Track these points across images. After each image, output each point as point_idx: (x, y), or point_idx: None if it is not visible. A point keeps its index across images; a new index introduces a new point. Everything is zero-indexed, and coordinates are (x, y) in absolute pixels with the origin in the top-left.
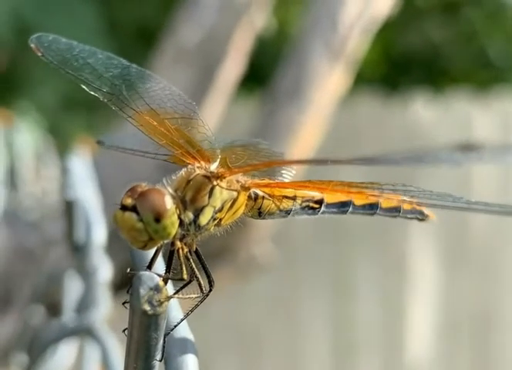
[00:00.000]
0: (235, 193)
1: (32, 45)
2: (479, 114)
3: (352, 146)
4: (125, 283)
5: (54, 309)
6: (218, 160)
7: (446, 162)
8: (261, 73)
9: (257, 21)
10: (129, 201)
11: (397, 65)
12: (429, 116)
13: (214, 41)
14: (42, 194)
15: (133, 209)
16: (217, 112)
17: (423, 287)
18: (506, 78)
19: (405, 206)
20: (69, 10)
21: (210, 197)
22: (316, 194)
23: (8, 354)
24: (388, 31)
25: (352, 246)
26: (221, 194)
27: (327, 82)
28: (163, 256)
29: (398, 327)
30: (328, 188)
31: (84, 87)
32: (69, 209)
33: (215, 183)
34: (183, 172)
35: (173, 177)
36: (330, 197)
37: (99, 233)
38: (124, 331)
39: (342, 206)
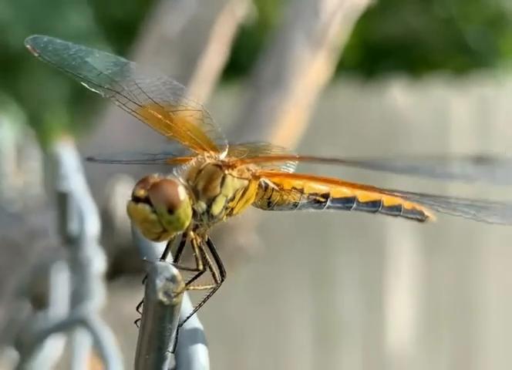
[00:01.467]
0: (246, 182)
1: (28, 46)
2: (456, 99)
3: (330, 134)
4: (116, 274)
5: (39, 302)
6: (227, 150)
7: (459, 177)
8: (242, 63)
9: (238, 10)
10: (141, 193)
11: (374, 52)
12: (406, 101)
13: (196, 30)
14: (23, 186)
15: (146, 200)
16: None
17: (403, 273)
18: (484, 63)
19: (406, 206)
20: (57, 9)
21: (222, 186)
22: (323, 188)
23: None
24: (365, 18)
25: (332, 234)
26: (233, 183)
27: (309, 70)
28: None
29: (379, 313)
30: (337, 183)
31: (84, 84)
32: (61, 200)
33: (226, 171)
34: (193, 162)
35: (183, 167)
36: (335, 192)
37: (92, 225)
38: (136, 322)
39: (347, 202)
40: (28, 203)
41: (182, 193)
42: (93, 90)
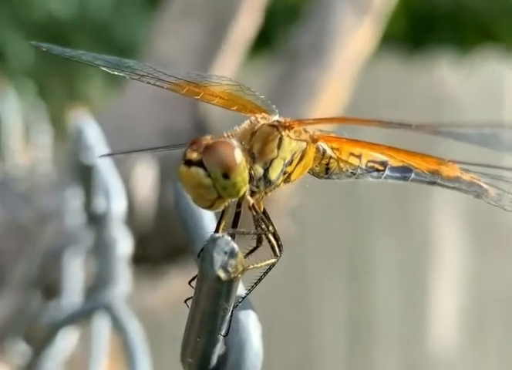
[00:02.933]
0: (304, 144)
1: (33, 43)
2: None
3: (370, 111)
4: (136, 263)
5: (50, 292)
6: (277, 114)
7: None
8: (276, 31)
9: None
10: (194, 155)
11: (421, 22)
12: (455, 77)
13: None
14: (32, 164)
15: (200, 164)
16: (228, 74)
17: (449, 266)
18: None
19: (465, 178)
20: None
21: (279, 149)
22: (381, 156)
23: (4, 341)
24: None
25: (369, 218)
26: (290, 145)
27: (353, 39)
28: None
29: (420, 309)
30: (397, 151)
31: (105, 69)
32: (86, 175)
33: (283, 133)
34: (245, 124)
35: (235, 129)
36: (394, 161)
37: (119, 203)
38: (187, 300)
39: (405, 172)
40: (38, 182)
41: (238, 156)
42: (116, 73)
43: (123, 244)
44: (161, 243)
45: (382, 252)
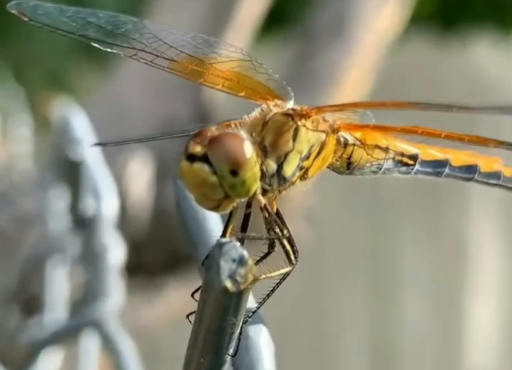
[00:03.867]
0: (323, 136)
1: (14, 11)
2: None
3: (398, 98)
4: (130, 273)
5: (32, 306)
6: (293, 98)
7: None
8: (290, 9)
9: None
10: (198, 149)
11: None
12: (493, 60)
13: None
14: (10, 160)
15: (204, 159)
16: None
17: (488, 279)
18: None
19: (506, 173)
20: None
21: (294, 141)
22: (411, 148)
23: None
24: None
25: (396, 226)
26: (307, 137)
27: (378, 17)
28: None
29: (455, 330)
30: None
31: (96, 45)
32: (73, 172)
33: (299, 122)
34: (256, 112)
35: (244, 118)
36: (425, 154)
37: (111, 205)
38: (189, 315)
39: (438, 166)
40: (17, 181)
41: (248, 150)
42: (109, 50)
43: (115, 252)
44: (159, 251)
45: (410, 265)
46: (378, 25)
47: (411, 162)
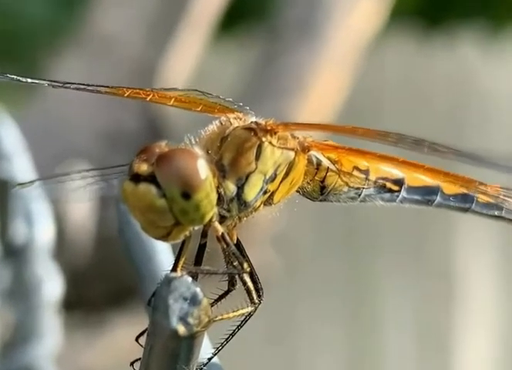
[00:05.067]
0: (292, 155)
1: None
2: None
3: (379, 104)
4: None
5: None
6: (254, 115)
7: None
8: (251, 4)
9: None
10: (144, 168)
11: None
12: (483, 60)
13: None
14: None
15: (151, 179)
16: (190, 57)
17: (477, 315)
18: None
19: (508, 203)
20: None
21: (258, 160)
22: (395, 172)
23: None
24: None
25: (375, 252)
26: (273, 155)
27: (353, 13)
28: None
29: (442, 367)
30: (418, 167)
31: (17, 79)
32: (1, 192)
33: (264, 138)
34: (214, 126)
35: (200, 133)
36: (413, 179)
37: (45, 230)
38: (133, 363)
39: (428, 194)
40: None
41: (203, 169)
42: (30, 81)
43: (51, 285)
44: (103, 283)
45: (391, 296)
46: (354, 22)
47: (396, 188)
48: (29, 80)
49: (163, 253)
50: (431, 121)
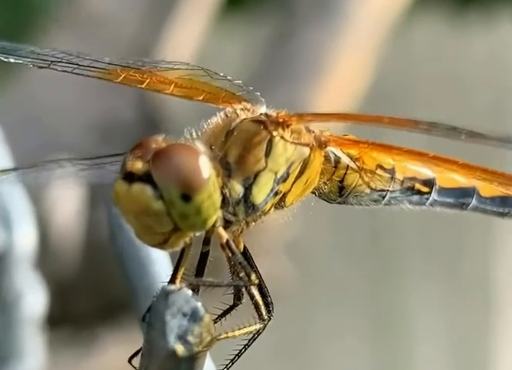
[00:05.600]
0: (307, 151)
1: None
2: None
3: (407, 90)
4: (55, 324)
5: None
6: (264, 105)
7: None
8: None
9: None
10: (139, 166)
11: None
12: None
13: None
14: None
15: (147, 178)
16: (191, 37)
17: None
18: None
19: None
20: None
21: (268, 157)
22: (425, 171)
23: None
24: None
25: (402, 260)
26: (285, 152)
27: None
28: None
29: None
30: (452, 163)
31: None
32: None
33: (275, 132)
34: (218, 118)
35: (202, 125)
36: (445, 179)
37: (27, 235)
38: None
39: (462, 196)
40: None
41: (205, 167)
42: (13, 61)
43: (33, 298)
44: (90, 297)
45: (420, 311)
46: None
47: (426, 189)
48: (11, 59)
49: (159, 263)
50: (467, 107)
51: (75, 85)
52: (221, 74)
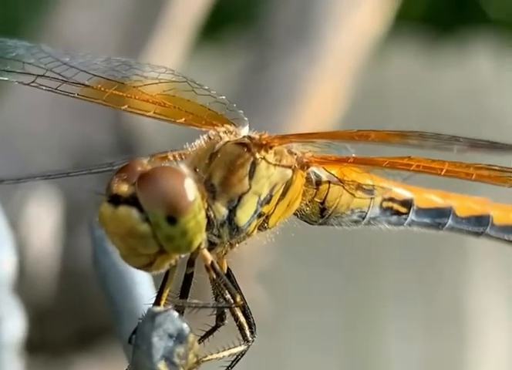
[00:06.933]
0: (289, 172)
1: None
2: None
3: (378, 122)
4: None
5: None
6: (247, 124)
7: None
8: (239, 6)
9: None
10: (124, 188)
11: None
12: (496, 75)
13: None
14: None
15: (133, 201)
16: (168, 65)
17: (492, 358)
18: None
19: None
20: None
21: (251, 179)
22: (402, 192)
23: None
24: None
25: (377, 287)
26: (268, 174)
27: (353, 16)
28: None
29: None
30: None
31: None
32: None
33: (258, 154)
34: (202, 141)
35: (186, 148)
36: (422, 200)
37: (4, 259)
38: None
39: (439, 216)
40: None
41: (190, 190)
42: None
43: (12, 324)
44: (70, 321)
45: (394, 332)
46: (354, 26)
47: (404, 209)
48: None
49: (144, 285)
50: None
51: (47, 107)
52: (206, 87)
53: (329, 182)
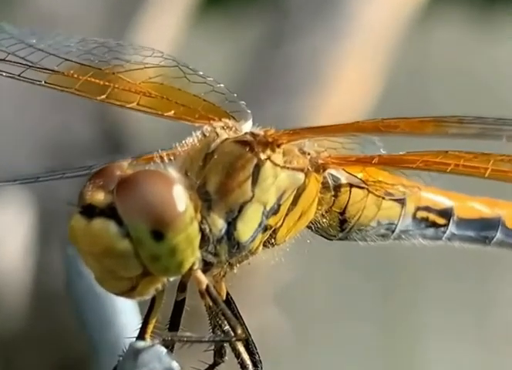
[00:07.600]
0: (301, 176)
1: None
2: None
3: (419, 90)
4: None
5: None
6: (251, 118)
7: None
8: None
9: None
10: (100, 197)
11: None
12: None
13: None
14: None
15: (110, 213)
16: (164, 41)
17: None
18: None
19: None
20: None
21: (255, 185)
22: (440, 199)
23: None
24: None
25: (417, 309)
26: (276, 178)
27: None
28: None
29: None
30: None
31: None
32: None
33: (263, 155)
34: (194, 138)
35: (175, 147)
36: (464, 208)
37: None
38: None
39: (484, 228)
40: None
41: (180, 198)
42: None
43: None
44: (39, 354)
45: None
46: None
47: (442, 221)
48: None
49: (127, 313)
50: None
51: (16, 98)
52: (200, 73)
53: (350, 185)
